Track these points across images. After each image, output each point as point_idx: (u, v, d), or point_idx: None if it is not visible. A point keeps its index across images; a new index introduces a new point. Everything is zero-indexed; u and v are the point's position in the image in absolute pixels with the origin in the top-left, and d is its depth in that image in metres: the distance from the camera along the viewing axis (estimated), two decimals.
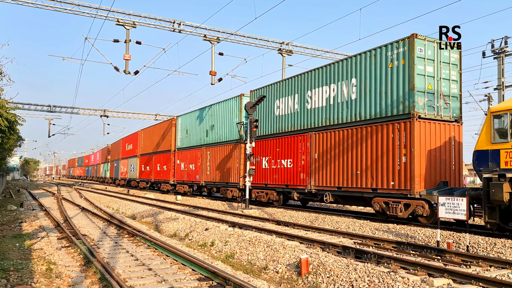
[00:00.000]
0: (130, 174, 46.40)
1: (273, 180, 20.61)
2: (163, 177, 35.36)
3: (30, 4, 21.42)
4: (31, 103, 42.88)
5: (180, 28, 24.27)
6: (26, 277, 7.99)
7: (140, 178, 42.30)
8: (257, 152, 21.86)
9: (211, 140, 27.31)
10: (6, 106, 17.23)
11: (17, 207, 22.71)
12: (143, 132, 42.49)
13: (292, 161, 19.29)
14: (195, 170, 29.16)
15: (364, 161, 15.37)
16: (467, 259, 9.15)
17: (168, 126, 34.97)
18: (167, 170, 34.26)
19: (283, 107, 20.59)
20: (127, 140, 50.02)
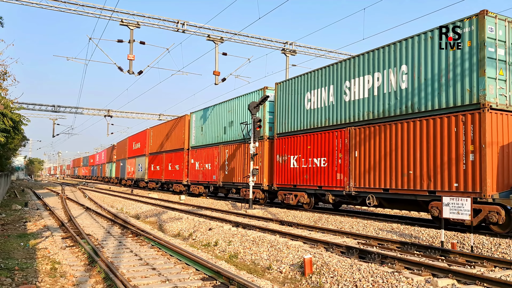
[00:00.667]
0: (138, 174, 44.79)
1: (303, 181, 18.73)
2: (175, 177, 33.48)
3: (35, 5, 21.52)
4: (35, 103, 43.12)
5: (184, 28, 24.31)
6: (30, 276, 8.03)
7: (149, 178, 40.58)
8: (284, 150, 20.12)
9: (229, 137, 25.22)
10: (11, 106, 17.34)
11: (22, 206, 22.82)
12: (153, 130, 40.82)
13: (326, 159, 17.38)
14: (211, 169, 27.17)
15: (419, 160, 13.48)
16: (471, 260, 9.12)
17: (180, 123, 33.10)
18: (179, 169, 32.40)
19: (315, 100, 18.53)
20: (134, 139, 48.27)
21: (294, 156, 19.46)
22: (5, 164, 36.05)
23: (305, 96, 19.19)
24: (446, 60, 13.04)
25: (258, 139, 21.45)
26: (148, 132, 41.79)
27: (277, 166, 20.53)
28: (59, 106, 44.32)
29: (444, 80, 13.04)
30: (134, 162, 46.54)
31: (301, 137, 19.12)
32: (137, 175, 45.03)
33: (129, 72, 22.85)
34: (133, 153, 47.64)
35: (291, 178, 19.56)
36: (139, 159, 44.71)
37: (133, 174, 47.10)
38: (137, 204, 24.65)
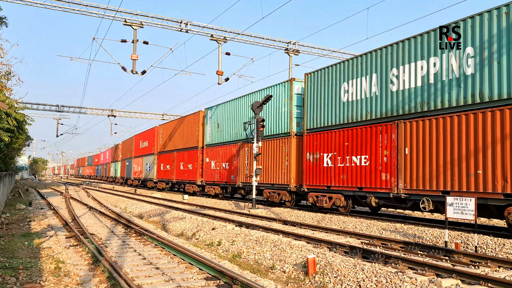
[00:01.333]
0: (146, 174, 42.92)
1: (339, 182, 16.86)
2: (187, 177, 31.47)
3: (39, 5, 21.59)
4: (39, 103, 43.28)
5: (187, 28, 24.33)
6: (35, 275, 8.07)
7: (159, 178, 38.60)
8: (316, 147, 18.23)
9: (250, 134, 23.39)
10: (15, 106, 17.41)
11: (26, 206, 22.91)
12: (162, 128, 39.10)
13: (368, 157, 15.55)
14: (229, 169, 25.26)
15: (490, 157, 11.63)
16: (475, 260, 9.09)
17: (194, 120, 31.20)
18: (193, 169, 30.45)
19: (353, 91, 16.61)
20: (141, 137, 46.40)
21: (328, 154, 17.54)
22: (9, 164, 36.20)
23: (341, 87, 17.25)
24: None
25: (262, 138, 21.28)
26: (157, 130, 40.16)
27: (307, 165, 18.66)
28: (63, 106, 44.49)
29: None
30: (141, 161, 44.91)
31: (337, 132, 17.24)
32: (145, 175, 43.31)
33: (132, 72, 22.89)
34: (140, 152, 46.06)
35: (324, 179, 17.70)
36: (147, 158, 43.07)
37: (140, 173, 45.53)
38: (141, 204, 24.70)
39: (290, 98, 20.29)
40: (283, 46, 28.08)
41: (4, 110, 13.43)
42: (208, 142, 28.91)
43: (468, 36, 12.55)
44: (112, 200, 29.20)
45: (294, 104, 20.22)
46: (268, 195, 21.37)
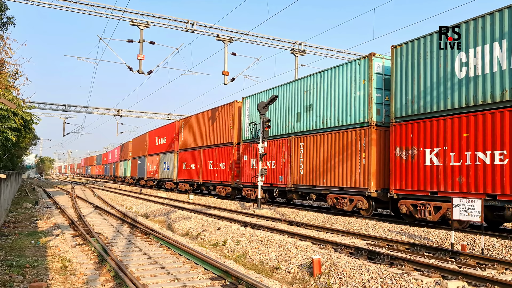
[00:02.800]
0: (164, 174, 39.03)
1: (453, 186, 12.76)
2: (218, 178, 27.65)
3: (46, 5, 21.73)
4: (46, 102, 43.53)
5: (193, 28, 24.38)
6: (41, 273, 8.12)
7: (180, 179, 34.67)
8: (412, 140, 14.20)
9: (306, 126, 19.54)
10: (22, 105, 17.54)
11: (33, 205, 23.06)
12: (184, 122, 35.20)
13: (507, 153, 11.50)
14: (277, 168, 21.40)
15: None
16: (482, 262, 9.03)
17: (227, 112, 27.27)
18: (225, 169, 26.67)
19: (477, 63, 12.40)
20: (158, 133, 42.53)
21: (433, 149, 13.59)
22: (16, 163, 36.46)
23: (456, 59, 13.08)
24: None
25: (267, 138, 21.08)
26: (178, 125, 36.52)
27: (397, 163, 14.62)
28: (69, 105, 44.72)
29: None
30: (158, 159, 41.01)
31: (448, 120, 13.20)
32: (162, 175, 39.45)
33: (138, 72, 22.97)
34: (156, 150, 42.14)
35: (427, 181, 13.60)
36: (165, 156, 39.11)
37: (155, 173, 41.73)
38: (146, 203, 24.78)
39: (369, 79, 16.09)
40: (289, 47, 28.06)
41: (12, 109, 13.54)
42: (246, 137, 24.81)
43: None
44: (118, 200, 29.32)
45: (373, 86, 16.02)
46: (334, 202, 17.30)
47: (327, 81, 18.49)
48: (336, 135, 17.50)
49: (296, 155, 19.99)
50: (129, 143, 58.44)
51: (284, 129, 21.37)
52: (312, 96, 19.29)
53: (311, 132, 19.22)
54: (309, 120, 19.46)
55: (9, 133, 14.12)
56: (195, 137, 32.34)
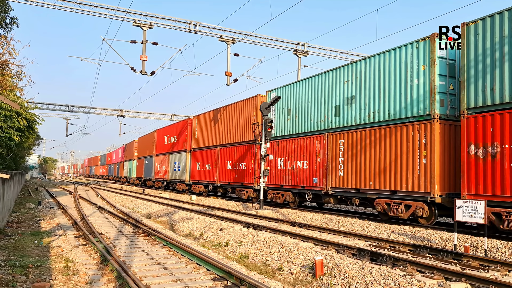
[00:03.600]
0: (174, 174, 36.80)
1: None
2: (239, 179, 25.33)
3: (50, 6, 21.81)
4: (49, 103, 43.73)
5: (196, 29, 24.42)
6: (44, 274, 8.14)
7: (194, 180, 32.45)
8: (493, 135, 11.91)
9: (347, 121, 17.25)
10: (26, 106, 17.59)
11: (36, 205, 23.13)
12: (198, 119, 32.83)
13: None
14: (310, 169, 19.11)
15: None
16: (485, 264, 9.01)
17: (249, 107, 24.89)
18: (247, 169, 24.41)
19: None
20: (167, 131, 40.23)
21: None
22: (20, 163, 36.61)
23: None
24: None
25: (270, 139, 20.95)
26: (191, 122, 34.31)
27: (471, 163, 12.39)
28: (72, 106, 44.92)
29: None
30: (167, 159, 38.80)
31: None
32: (172, 176, 37.27)
33: (141, 73, 23.03)
34: (166, 149, 39.83)
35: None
36: (175, 156, 36.88)
37: (165, 174, 39.43)
38: (149, 204, 24.81)
39: (431, 64, 13.84)
40: (292, 48, 28.08)
41: (15, 110, 13.58)
42: (272, 134, 22.32)
43: None
44: (121, 200, 29.37)
45: (436, 72, 13.79)
46: (384, 208, 15.07)
47: (374, 68, 16.11)
48: (387, 131, 15.16)
49: (335, 154, 17.62)
50: (134, 142, 56.41)
51: (319, 125, 19.07)
52: (355, 86, 16.96)
53: (353, 127, 16.91)
54: (350, 114, 17.12)
55: (12, 134, 14.17)
56: (211, 135, 30.02)
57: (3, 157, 17.02)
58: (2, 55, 15.62)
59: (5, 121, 13.73)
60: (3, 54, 15.65)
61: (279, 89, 22.19)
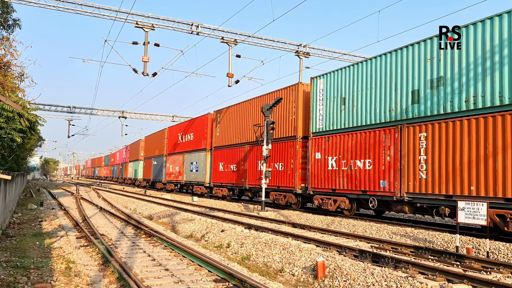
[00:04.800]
0: (190, 176, 33.23)
1: None
2: (273, 182, 21.73)
3: (52, 7, 21.85)
4: (51, 104, 43.84)
5: (198, 30, 24.44)
6: (46, 275, 8.14)
7: (215, 182, 28.86)
8: None
9: (430, 109, 13.82)
10: (28, 107, 17.62)
11: (37, 206, 23.15)
12: (221, 114, 29.19)
13: None
14: (375, 170, 15.63)
15: None
16: (487, 265, 8.98)
17: (287, 97, 21.32)
18: (284, 170, 20.97)
19: None
20: (181, 129, 36.89)
21: None
22: (21, 164, 36.62)
23: None
24: None
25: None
26: (212, 118, 30.87)
27: None
28: (74, 107, 44.98)
29: None
30: (182, 159, 35.45)
31: None
32: (189, 177, 33.72)
33: (143, 74, 23.04)
34: (180, 148, 36.69)
35: None
36: (191, 155, 33.53)
37: (178, 175, 36.09)
38: (150, 205, 24.82)
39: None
40: (294, 49, 28.07)
41: (17, 111, 13.60)
42: (320, 128, 18.87)
43: None
44: (122, 201, 29.39)
45: None
46: (496, 221, 11.53)
47: (474, 39, 12.59)
48: (498, 120, 11.71)
49: (413, 151, 14.27)
50: (140, 141, 53.53)
51: (387, 115, 15.48)
52: (443, 65, 13.53)
53: (441, 117, 13.43)
54: (436, 100, 13.63)
55: (14, 135, 14.17)
56: (238, 131, 26.51)
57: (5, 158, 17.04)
58: (4, 56, 15.64)
59: (7, 122, 13.74)
60: (5, 56, 15.67)
61: (329, 74, 18.69)
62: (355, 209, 17.27)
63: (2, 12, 20.82)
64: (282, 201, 21.09)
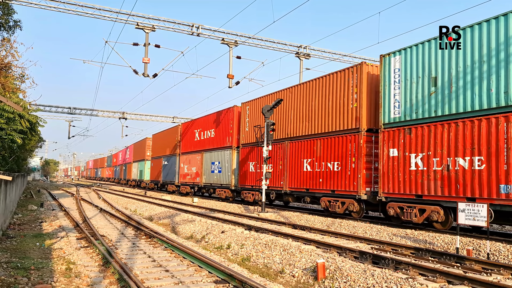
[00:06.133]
0: (212, 178, 29.57)
1: None
2: (324, 185, 18.00)
3: (53, 9, 21.89)
4: (52, 105, 43.88)
5: (198, 32, 24.47)
6: (46, 276, 8.14)
7: (244, 185, 24.99)
8: None
9: None
10: (28, 108, 17.64)
11: (38, 207, 23.16)
12: (250, 106, 25.20)
13: None
14: (490, 171, 11.94)
15: None
16: (487, 267, 8.97)
17: (344, 81, 17.39)
18: (342, 170, 17.14)
19: None
20: (198, 125, 33.09)
21: None
22: (22, 165, 36.62)
23: None
24: None
25: (272, 142, 20.64)
26: (239, 111, 26.75)
27: None
28: (74, 108, 45.03)
29: None
30: (200, 159, 31.81)
31: None
32: (209, 179, 30.04)
33: (144, 75, 23.07)
34: (197, 146, 33.09)
35: None
36: (213, 154, 29.79)
37: (195, 177, 32.52)
38: (150, 206, 24.82)
39: None
40: (294, 50, 28.10)
41: (18, 112, 13.62)
42: (395, 117, 15.07)
43: None
44: (123, 202, 29.39)
45: None
46: None
47: None
48: None
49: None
50: (146, 140, 50.20)
51: (509, 96, 11.60)
52: None
53: None
54: None
55: (15, 136, 14.18)
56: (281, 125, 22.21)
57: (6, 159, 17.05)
58: (5, 57, 15.66)
59: (8, 123, 13.75)
60: (6, 57, 15.70)
61: (409, 49, 14.67)
62: (452, 221, 13.36)
63: (3, 14, 20.87)
64: (340, 208, 17.25)
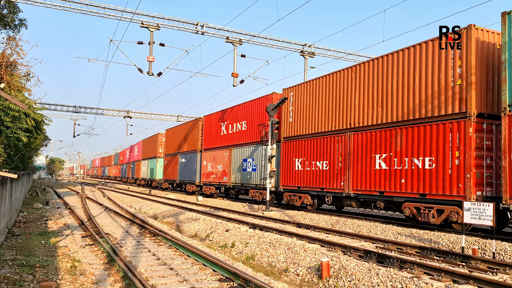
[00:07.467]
0: (244, 177, 25.47)
1: None
2: (412, 188, 13.92)
3: (58, 7, 21.96)
4: (57, 104, 44.03)
5: (203, 30, 24.47)
6: (51, 273, 8.18)
7: (287, 186, 20.95)
8: None
9: None
10: (34, 107, 17.71)
11: (43, 205, 23.27)
12: (296, 91, 21.08)
13: None
14: None
15: None
16: (493, 266, 8.92)
17: (438, 55, 13.38)
18: (438, 168, 13.16)
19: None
20: (226, 117, 28.96)
21: None
22: (27, 163, 36.80)
23: None
24: None
25: (276, 141, 20.64)
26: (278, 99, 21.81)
27: None
28: (80, 106, 45.17)
29: None
30: (228, 156, 27.88)
31: None
32: (239, 179, 26.16)
33: (148, 74, 23.11)
34: (225, 141, 29.06)
35: None
36: (245, 150, 25.85)
37: (223, 176, 28.57)
38: (155, 205, 24.87)
39: None
40: (299, 49, 28.04)
41: (23, 110, 13.68)
42: None
43: None
44: (127, 201, 29.47)
45: None
46: None
47: None
48: None
49: None
50: (158, 136, 46.21)
51: None
52: None
53: None
54: None
55: (20, 134, 14.25)
56: (328, 113, 18.57)
57: (11, 157, 17.13)
58: (11, 55, 15.73)
59: (13, 121, 13.82)
60: (12, 55, 15.76)
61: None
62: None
63: (9, 12, 20.96)
64: (434, 218, 13.12)
